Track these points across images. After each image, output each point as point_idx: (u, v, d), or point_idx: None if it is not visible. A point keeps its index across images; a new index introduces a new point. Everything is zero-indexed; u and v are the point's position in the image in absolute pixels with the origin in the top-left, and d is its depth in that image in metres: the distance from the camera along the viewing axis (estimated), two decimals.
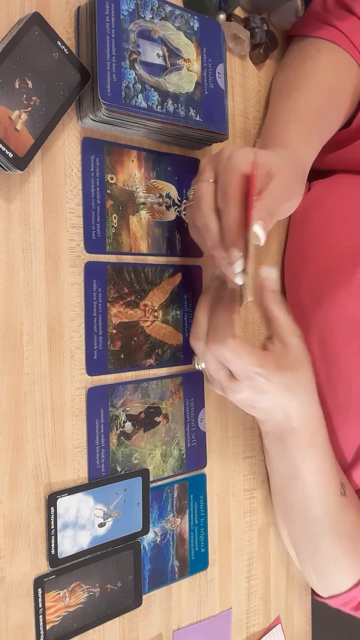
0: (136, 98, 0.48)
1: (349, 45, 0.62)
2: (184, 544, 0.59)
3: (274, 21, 0.65)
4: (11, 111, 0.43)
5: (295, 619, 0.74)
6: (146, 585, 0.56)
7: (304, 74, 0.61)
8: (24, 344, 0.47)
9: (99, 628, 0.53)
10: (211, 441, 0.61)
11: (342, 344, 0.58)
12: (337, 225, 0.62)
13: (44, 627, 0.48)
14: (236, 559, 0.65)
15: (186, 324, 0.58)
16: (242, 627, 0.67)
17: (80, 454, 0.51)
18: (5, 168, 0.44)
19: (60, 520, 0.49)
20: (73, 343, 0.50)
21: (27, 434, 0.47)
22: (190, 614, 0.61)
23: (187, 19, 0.52)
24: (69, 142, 0.50)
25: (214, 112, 0.54)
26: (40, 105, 0.44)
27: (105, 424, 0.52)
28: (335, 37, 0.62)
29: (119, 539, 0.53)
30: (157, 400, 0.56)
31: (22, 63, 0.43)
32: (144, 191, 0.55)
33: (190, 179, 0.58)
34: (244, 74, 0.63)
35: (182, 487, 0.58)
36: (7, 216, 0.46)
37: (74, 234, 0.50)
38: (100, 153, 0.51)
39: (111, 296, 0.52)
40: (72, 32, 0.49)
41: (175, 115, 0.51)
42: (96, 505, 0.51)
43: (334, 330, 0.58)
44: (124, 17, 0.48)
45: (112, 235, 0.52)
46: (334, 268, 0.59)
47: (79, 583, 0.51)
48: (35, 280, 0.47)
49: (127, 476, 0.53)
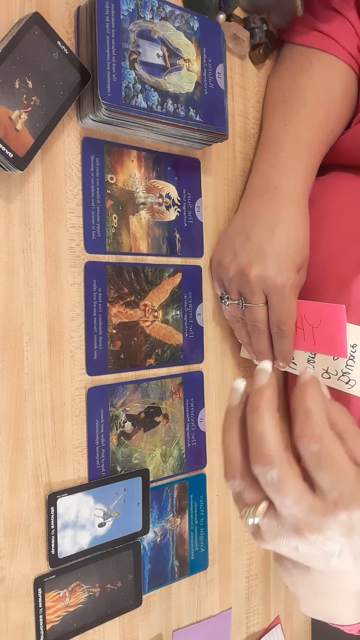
0: (136, 98, 0.48)
1: (341, 52, 0.62)
2: (183, 544, 0.59)
3: (273, 21, 0.65)
4: (11, 111, 0.43)
5: (295, 619, 0.74)
6: (146, 585, 0.56)
7: (298, 90, 0.61)
8: (24, 344, 0.47)
9: (99, 628, 0.53)
10: (211, 441, 0.61)
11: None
12: (328, 226, 0.62)
13: (44, 627, 0.48)
14: (236, 559, 0.65)
15: (186, 324, 0.58)
16: (241, 627, 0.67)
17: (80, 454, 0.51)
18: (5, 168, 0.44)
19: (60, 520, 0.49)
20: (73, 343, 0.50)
21: (27, 434, 0.47)
22: (190, 613, 0.61)
23: (187, 19, 0.52)
24: (69, 142, 0.50)
25: (213, 112, 0.54)
26: (40, 105, 0.44)
27: (105, 424, 0.52)
28: (326, 45, 0.62)
29: (119, 539, 0.53)
30: (157, 400, 0.56)
31: (22, 63, 0.43)
32: (144, 191, 0.55)
33: (190, 179, 0.58)
34: (243, 74, 0.63)
35: (182, 487, 0.58)
36: (7, 216, 0.46)
37: (74, 234, 0.50)
38: (100, 153, 0.51)
39: (111, 296, 0.52)
40: (72, 32, 0.49)
41: (175, 115, 0.51)
42: (96, 505, 0.51)
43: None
44: (124, 17, 0.48)
45: (112, 235, 0.52)
46: (326, 271, 0.59)
47: (79, 583, 0.51)
48: (35, 280, 0.47)
49: (127, 476, 0.53)
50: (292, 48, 0.64)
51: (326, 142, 0.62)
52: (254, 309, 0.56)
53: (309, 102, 0.60)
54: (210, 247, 0.60)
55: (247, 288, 0.55)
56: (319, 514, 0.36)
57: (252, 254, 0.55)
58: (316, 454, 0.36)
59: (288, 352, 0.57)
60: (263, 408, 0.37)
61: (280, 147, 0.59)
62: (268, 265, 0.54)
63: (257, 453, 0.36)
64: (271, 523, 0.38)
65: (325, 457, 0.36)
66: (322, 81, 0.61)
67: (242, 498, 0.39)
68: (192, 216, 0.58)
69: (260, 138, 0.64)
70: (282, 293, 0.54)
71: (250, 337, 0.59)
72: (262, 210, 0.57)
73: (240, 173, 0.63)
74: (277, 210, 0.56)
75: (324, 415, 0.37)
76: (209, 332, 0.61)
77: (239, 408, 0.39)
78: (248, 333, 0.59)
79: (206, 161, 0.60)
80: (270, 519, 0.38)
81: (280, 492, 0.36)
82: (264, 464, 0.36)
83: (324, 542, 0.37)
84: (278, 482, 0.36)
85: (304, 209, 0.58)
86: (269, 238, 0.55)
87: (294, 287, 0.56)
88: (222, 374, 0.62)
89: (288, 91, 0.62)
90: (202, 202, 0.59)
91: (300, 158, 0.59)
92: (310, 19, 0.63)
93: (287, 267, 0.55)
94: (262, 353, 0.59)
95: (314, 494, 0.37)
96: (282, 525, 0.37)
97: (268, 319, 0.57)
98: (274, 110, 0.63)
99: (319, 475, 0.36)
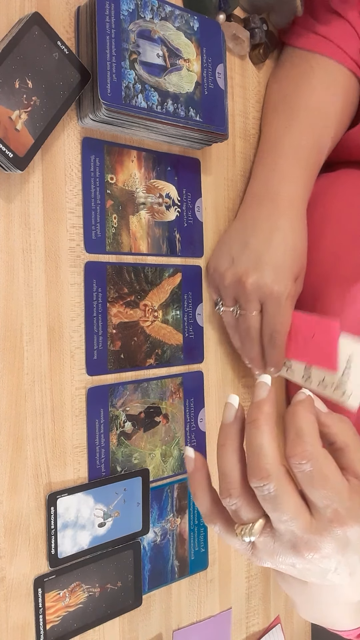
0: (136, 98, 0.48)
1: (341, 55, 0.61)
2: (183, 544, 0.59)
3: (273, 21, 0.65)
4: (11, 111, 0.43)
5: (295, 619, 0.74)
6: (146, 585, 0.56)
7: (298, 95, 0.61)
8: (24, 344, 0.47)
9: (99, 628, 0.53)
10: (211, 441, 0.61)
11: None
12: (331, 225, 0.61)
13: (44, 627, 0.48)
14: (236, 559, 0.65)
15: (186, 324, 0.58)
16: (241, 627, 0.67)
17: (80, 454, 0.51)
18: (5, 168, 0.44)
19: (60, 520, 0.49)
20: (73, 343, 0.50)
21: (27, 434, 0.47)
22: (190, 613, 0.61)
23: (187, 19, 0.52)
24: (69, 142, 0.50)
25: (213, 112, 0.54)
26: (40, 105, 0.44)
27: (105, 424, 0.52)
28: (326, 49, 0.61)
29: (118, 539, 0.53)
30: (157, 400, 0.56)
31: (22, 63, 0.43)
32: (144, 191, 0.55)
33: (190, 179, 0.58)
34: (243, 74, 0.63)
35: (182, 487, 0.58)
36: (7, 216, 0.46)
37: (74, 234, 0.50)
38: (100, 153, 0.51)
39: (111, 296, 0.52)
40: (72, 32, 0.49)
41: (175, 115, 0.51)
42: (96, 505, 0.51)
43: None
44: (124, 17, 0.48)
45: (112, 235, 0.52)
46: (329, 272, 0.59)
47: (79, 583, 0.51)
48: (35, 280, 0.47)
49: (127, 476, 0.53)
50: (292, 51, 0.64)
51: (326, 148, 0.62)
52: (248, 317, 0.56)
53: (309, 108, 0.60)
54: (210, 247, 0.60)
55: (243, 295, 0.55)
56: (315, 532, 0.36)
57: (250, 261, 0.55)
58: (308, 472, 0.36)
59: (278, 361, 0.57)
60: (261, 421, 0.37)
61: (280, 153, 0.59)
62: (265, 274, 0.54)
63: (255, 467, 0.36)
64: (268, 541, 0.38)
65: (318, 475, 0.36)
66: (322, 86, 0.61)
67: (239, 516, 0.38)
68: (192, 216, 0.58)
69: (259, 142, 0.64)
70: (278, 302, 0.54)
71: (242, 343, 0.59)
72: (261, 217, 0.57)
73: (240, 173, 0.63)
74: (275, 218, 0.56)
75: (315, 433, 0.37)
76: (209, 332, 0.61)
77: (233, 424, 0.39)
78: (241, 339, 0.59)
79: (206, 161, 0.60)
80: (266, 537, 0.38)
81: (277, 507, 0.36)
82: (262, 477, 0.35)
83: (320, 559, 0.36)
84: (275, 497, 0.36)
85: (302, 217, 0.58)
86: (267, 246, 0.55)
87: (290, 296, 0.55)
88: (222, 374, 0.63)
89: (288, 96, 0.62)
90: (202, 202, 0.59)
91: (299, 164, 0.58)
92: (311, 21, 0.62)
93: (285, 276, 0.54)
94: (253, 359, 0.59)
95: (310, 512, 0.37)
96: (280, 543, 0.37)
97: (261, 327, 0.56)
98: (274, 115, 0.62)
99: (312, 494, 0.36)
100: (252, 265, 0.54)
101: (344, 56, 0.61)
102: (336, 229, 0.61)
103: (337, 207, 0.62)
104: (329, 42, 0.61)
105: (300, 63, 0.63)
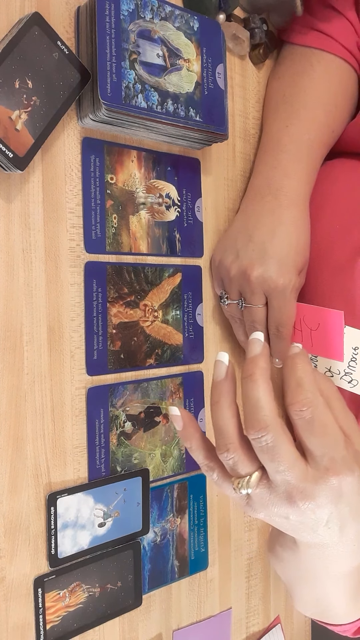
0: (136, 98, 0.48)
1: (341, 50, 0.62)
2: (183, 544, 0.59)
3: (273, 21, 0.65)
4: (11, 111, 0.43)
5: (294, 619, 0.74)
6: (146, 585, 0.56)
7: (298, 91, 0.61)
8: (24, 344, 0.47)
9: (99, 628, 0.53)
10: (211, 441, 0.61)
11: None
12: (327, 211, 0.62)
13: (44, 627, 0.48)
14: (236, 559, 0.65)
15: (186, 324, 0.58)
16: (241, 627, 0.67)
17: (80, 454, 0.51)
18: (5, 168, 0.44)
19: (60, 520, 0.49)
20: (73, 343, 0.50)
21: (27, 433, 0.47)
22: (190, 613, 0.61)
23: (187, 19, 0.52)
24: (69, 142, 0.50)
25: (213, 112, 0.54)
26: (40, 105, 0.44)
27: (105, 424, 0.52)
28: (326, 45, 0.62)
29: (118, 539, 0.53)
30: (157, 400, 0.56)
31: (22, 63, 0.43)
32: (144, 191, 0.55)
33: (190, 179, 0.58)
34: (243, 74, 0.63)
35: (182, 487, 0.58)
36: (7, 216, 0.46)
37: (74, 234, 0.50)
38: (100, 153, 0.51)
39: (111, 296, 0.52)
40: (72, 32, 0.49)
41: (175, 115, 0.51)
42: (96, 505, 0.51)
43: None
44: (124, 17, 0.48)
45: (112, 235, 0.52)
46: (324, 255, 0.60)
47: (79, 583, 0.51)
48: (35, 280, 0.47)
49: (127, 476, 0.53)
50: (292, 49, 0.64)
51: (327, 143, 0.62)
52: (254, 310, 0.56)
53: (309, 104, 0.60)
54: (210, 247, 0.60)
55: (247, 288, 0.55)
56: (311, 480, 0.37)
57: (254, 254, 0.55)
58: (308, 420, 0.37)
59: (284, 353, 0.57)
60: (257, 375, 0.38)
61: (281, 149, 0.59)
62: (270, 267, 0.54)
63: (252, 418, 0.37)
64: (263, 492, 0.39)
65: (318, 423, 0.37)
66: (322, 82, 0.61)
67: (236, 470, 0.39)
68: (192, 216, 0.58)
69: (261, 139, 0.64)
70: (282, 295, 0.55)
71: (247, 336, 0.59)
72: (264, 211, 0.57)
73: (240, 173, 0.63)
74: (279, 212, 0.56)
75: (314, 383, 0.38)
76: (209, 332, 0.61)
77: (225, 381, 0.40)
78: (246, 332, 0.59)
79: (206, 161, 0.60)
80: (262, 489, 0.39)
81: (275, 458, 0.37)
82: (260, 428, 0.36)
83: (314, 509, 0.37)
84: (273, 447, 0.37)
85: (305, 211, 0.58)
86: (270, 239, 0.55)
87: (295, 289, 0.56)
88: None
89: (289, 92, 0.62)
90: (202, 202, 0.59)
91: (301, 160, 0.59)
92: (310, 19, 0.63)
93: (289, 269, 0.55)
94: None
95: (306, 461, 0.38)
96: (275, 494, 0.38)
97: (267, 320, 0.57)
98: (275, 112, 0.63)
99: (311, 442, 0.37)
100: (256, 258, 0.55)
101: (343, 51, 0.62)
102: (333, 214, 0.61)
103: (334, 192, 0.62)
104: (329, 37, 0.62)
105: (300, 60, 0.63)
